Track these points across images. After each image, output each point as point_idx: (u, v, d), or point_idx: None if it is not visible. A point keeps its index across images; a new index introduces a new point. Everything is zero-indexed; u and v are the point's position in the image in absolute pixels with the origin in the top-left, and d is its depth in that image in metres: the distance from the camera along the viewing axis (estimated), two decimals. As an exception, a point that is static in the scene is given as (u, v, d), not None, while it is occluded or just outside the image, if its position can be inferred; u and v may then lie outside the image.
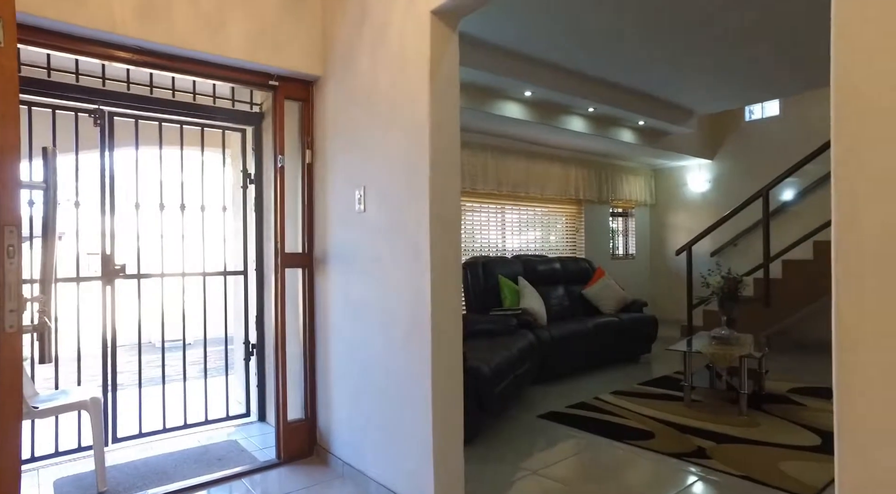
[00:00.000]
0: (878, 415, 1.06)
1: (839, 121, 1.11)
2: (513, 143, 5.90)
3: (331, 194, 2.88)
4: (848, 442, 1.10)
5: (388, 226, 2.43)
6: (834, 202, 1.12)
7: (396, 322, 2.37)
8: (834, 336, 1.13)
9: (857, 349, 1.10)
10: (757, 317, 5.53)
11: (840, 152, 1.10)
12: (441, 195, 2.21)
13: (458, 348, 2.27)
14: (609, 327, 5.14)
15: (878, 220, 1.06)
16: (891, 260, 1.05)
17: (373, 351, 2.54)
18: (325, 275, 2.94)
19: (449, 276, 2.22)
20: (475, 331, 4.31)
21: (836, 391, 1.12)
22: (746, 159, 6.87)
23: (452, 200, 2.25)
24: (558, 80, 4.63)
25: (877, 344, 1.07)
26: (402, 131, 2.33)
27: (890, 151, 1.04)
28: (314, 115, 3.03)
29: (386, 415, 2.45)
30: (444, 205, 2.22)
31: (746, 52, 4.31)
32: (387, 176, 2.44)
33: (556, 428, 3.45)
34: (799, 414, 3.62)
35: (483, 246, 5.92)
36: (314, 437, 3.03)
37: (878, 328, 1.06)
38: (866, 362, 1.08)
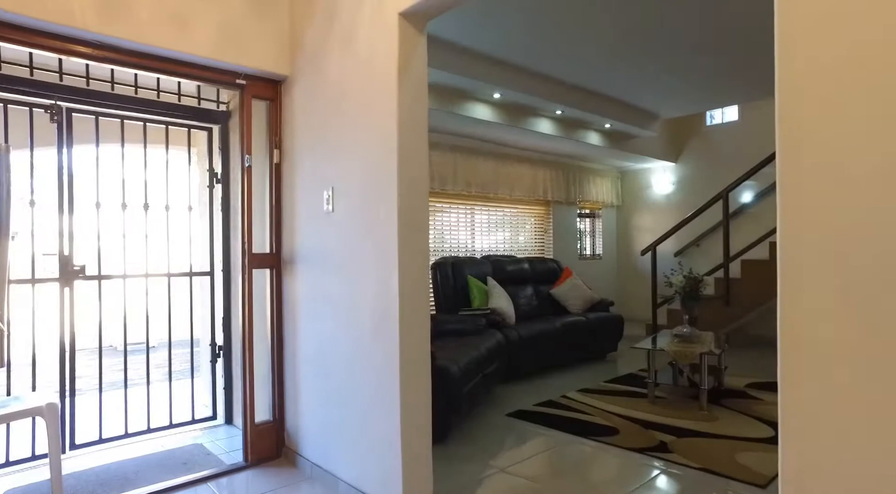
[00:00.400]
0: (815, 407, 1.13)
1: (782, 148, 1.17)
2: (482, 145, 5.96)
3: (299, 194, 2.87)
4: (789, 431, 1.16)
5: (357, 226, 2.43)
6: (779, 215, 1.18)
7: (364, 322, 2.37)
8: (779, 337, 1.19)
9: (799, 347, 1.16)
10: (717, 315, 5.72)
11: (783, 169, 1.17)
12: (409, 196, 2.23)
13: (426, 348, 2.29)
14: (576, 326, 5.24)
15: (817, 232, 1.12)
16: (827, 268, 1.11)
17: (341, 352, 2.54)
18: (294, 276, 2.92)
19: (417, 276, 2.24)
20: (444, 331, 4.33)
21: (780, 385, 1.19)
22: (708, 162, 7.08)
23: (421, 201, 2.27)
24: (526, 83, 4.70)
25: (814, 344, 1.13)
26: (370, 132, 2.34)
27: (824, 169, 1.10)
28: (282, 115, 3.01)
29: (354, 415, 2.45)
30: (412, 206, 2.24)
31: (706, 59, 4.45)
32: (355, 176, 2.45)
33: (524, 426, 3.50)
34: (755, 408, 3.76)
35: (453, 246, 5.95)
36: (282, 439, 3.01)
37: (815, 331, 1.13)
38: (806, 360, 1.14)
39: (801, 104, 1.13)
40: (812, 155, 1.12)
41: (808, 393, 1.15)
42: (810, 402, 1.14)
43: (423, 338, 2.27)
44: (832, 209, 1.09)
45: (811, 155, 1.12)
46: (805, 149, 1.13)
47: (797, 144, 1.15)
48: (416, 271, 2.24)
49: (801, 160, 1.15)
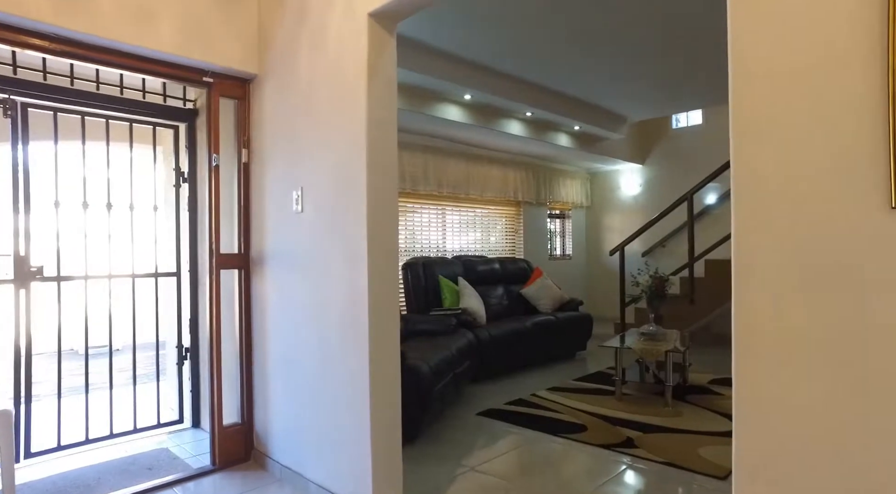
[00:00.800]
0: (766, 399, 1.17)
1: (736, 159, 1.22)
2: (453, 145, 5.98)
3: (268, 194, 2.84)
4: (742, 422, 1.21)
5: (326, 226, 2.42)
6: (734, 217, 1.23)
7: (334, 322, 2.36)
8: (734, 336, 1.24)
9: (754, 344, 1.21)
10: (682, 314, 5.86)
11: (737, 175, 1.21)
12: (379, 196, 2.23)
13: (396, 348, 2.29)
14: (546, 325, 5.30)
15: (771, 235, 1.17)
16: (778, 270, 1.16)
17: (310, 352, 2.52)
18: (263, 276, 2.89)
19: (387, 276, 2.25)
20: (415, 331, 4.34)
21: (734, 380, 1.23)
22: (674, 164, 7.26)
23: (390, 201, 2.27)
24: (497, 85, 4.74)
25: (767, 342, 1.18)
26: (339, 132, 2.33)
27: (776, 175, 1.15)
28: (251, 114, 2.97)
29: (324, 416, 2.44)
30: (381, 206, 2.24)
31: (671, 65, 4.57)
32: (325, 177, 2.43)
33: (494, 425, 3.53)
34: (717, 403, 3.87)
35: (424, 246, 5.96)
36: (251, 441, 2.97)
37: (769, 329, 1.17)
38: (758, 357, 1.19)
39: (752, 109, 1.18)
40: (763, 156, 1.17)
41: (760, 385, 1.20)
42: (761, 394, 1.19)
43: (392, 338, 2.27)
44: (782, 208, 1.14)
45: (762, 155, 1.17)
46: (757, 150, 1.18)
47: (749, 145, 1.20)
48: (385, 271, 2.24)
49: (752, 160, 1.20)
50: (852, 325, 1.05)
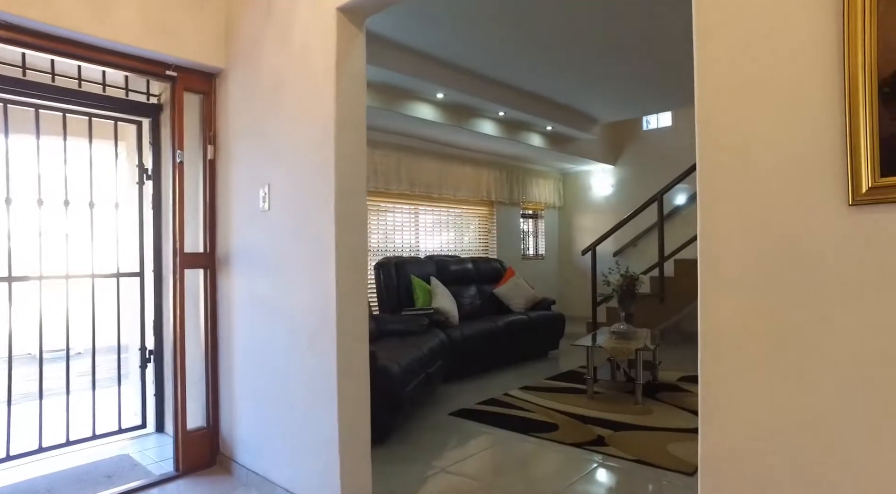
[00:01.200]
0: (729, 394, 1.18)
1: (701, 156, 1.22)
2: (426, 145, 5.96)
3: (234, 191, 2.77)
4: (707, 419, 1.21)
5: (294, 224, 2.37)
6: (699, 219, 1.24)
7: (301, 323, 2.31)
8: (700, 336, 1.24)
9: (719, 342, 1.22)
10: (653, 312, 5.95)
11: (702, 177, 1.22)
12: (347, 194, 2.19)
13: (365, 348, 2.25)
14: (519, 325, 5.32)
15: (735, 236, 1.18)
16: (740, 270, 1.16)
17: (277, 353, 2.47)
18: (229, 276, 2.82)
19: (355, 276, 2.21)
20: (387, 331, 4.30)
21: (700, 379, 1.24)
22: (644, 165, 7.37)
23: (359, 198, 2.24)
24: (469, 84, 4.73)
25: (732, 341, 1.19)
26: (307, 129, 2.29)
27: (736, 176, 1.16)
28: (217, 109, 2.89)
29: (291, 419, 2.39)
30: (350, 204, 2.20)
31: (642, 67, 4.62)
32: (292, 174, 2.38)
33: (466, 425, 3.52)
34: (686, 401, 3.93)
35: (397, 246, 5.92)
36: (217, 446, 2.89)
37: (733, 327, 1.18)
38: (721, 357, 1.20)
39: (713, 111, 1.19)
40: (723, 158, 1.18)
41: (723, 385, 1.20)
42: (724, 394, 1.19)
43: (361, 339, 2.24)
44: (745, 207, 1.15)
45: (723, 157, 1.18)
46: (718, 152, 1.19)
47: (711, 148, 1.20)
48: (353, 270, 2.20)
49: (714, 163, 1.20)
50: (811, 326, 1.06)
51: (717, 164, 1.19)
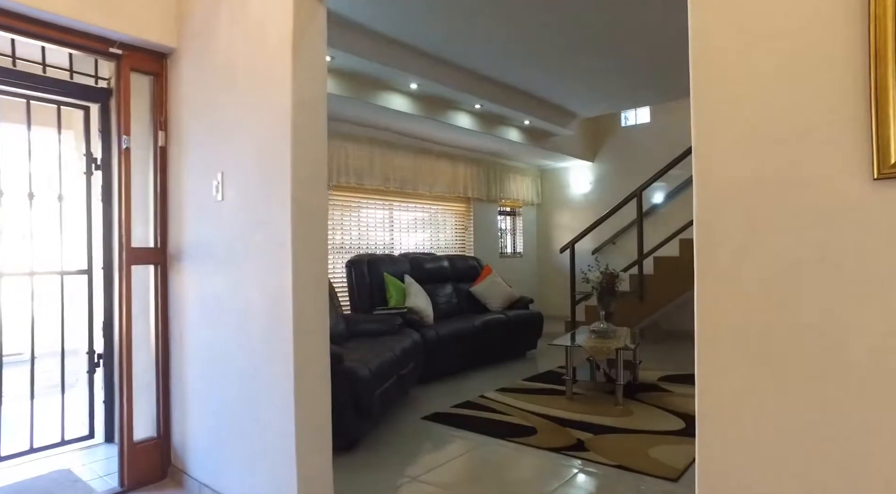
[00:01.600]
0: (730, 398, 1.03)
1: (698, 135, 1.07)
2: (400, 138, 5.77)
3: (187, 181, 2.55)
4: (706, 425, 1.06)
5: (249, 216, 2.17)
6: (695, 210, 1.10)
7: (256, 323, 2.12)
8: (697, 335, 1.10)
9: (716, 341, 1.07)
10: (632, 310, 5.85)
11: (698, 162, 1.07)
12: (305, 182, 2.00)
13: (325, 350, 2.07)
14: (496, 324, 5.17)
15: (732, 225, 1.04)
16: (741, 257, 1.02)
17: (232, 357, 2.26)
18: (181, 273, 2.60)
19: (314, 273, 2.02)
20: (358, 332, 4.11)
21: (697, 382, 1.09)
22: (623, 162, 7.29)
23: (318, 188, 2.05)
24: (444, 74, 4.56)
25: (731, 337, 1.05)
26: (262, 112, 2.09)
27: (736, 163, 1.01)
28: (169, 92, 2.67)
29: (247, 428, 2.19)
30: (308, 194, 2.01)
31: (620, 60, 4.51)
32: (247, 161, 2.18)
33: (440, 430, 3.35)
34: (667, 401, 3.82)
35: (371, 244, 5.71)
36: (168, 457, 2.67)
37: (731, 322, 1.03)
38: (722, 353, 1.05)
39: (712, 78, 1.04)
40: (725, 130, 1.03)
41: (723, 387, 1.06)
42: (724, 395, 1.05)
43: (320, 340, 2.05)
44: (746, 183, 1.00)
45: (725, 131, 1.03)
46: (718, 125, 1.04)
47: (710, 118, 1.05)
48: (312, 266, 2.01)
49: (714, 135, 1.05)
50: (827, 319, 0.92)
51: (714, 139, 1.04)
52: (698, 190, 1.08)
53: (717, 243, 1.05)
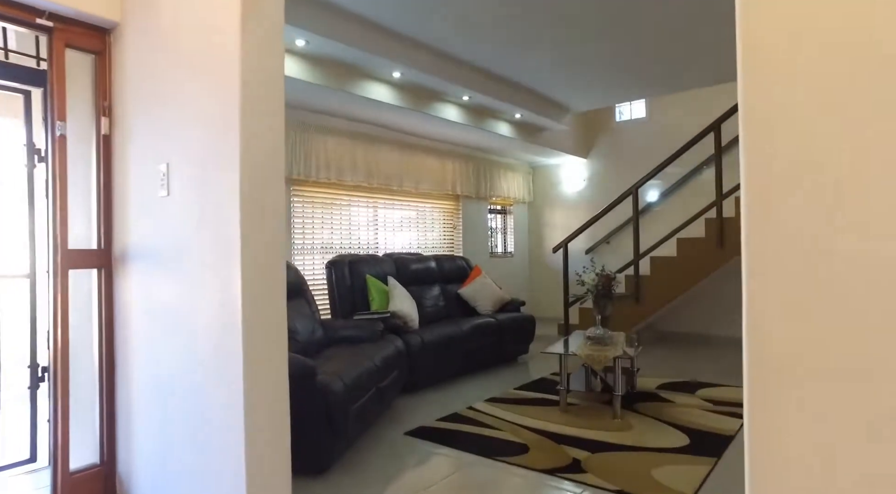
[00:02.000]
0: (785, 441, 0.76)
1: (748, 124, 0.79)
2: (384, 132, 5.47)
3: (132, 173, 2.25)
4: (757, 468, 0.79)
5: (196, 213, 1.87)
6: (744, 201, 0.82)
7: (204, 336, 1.82)
8: (745, 356, 0.83)
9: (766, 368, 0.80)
10: (628, 313, 5.60)
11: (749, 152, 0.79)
12: (256, 175, 1.71)
13: (281, 366, 1.77)
14: (485, 328, 4.89)
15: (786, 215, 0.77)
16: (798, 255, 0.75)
17: (181, 372, 1.97)
18: (127, 278, 2.29)
19: (269, 276, 1.73)
20: (336, 338, 3.81)
21: (746, 417, 0.81)
22: (617, 158, 7.03)
23: (273, 179, 1.75)
24: (430, 63, 4.27)
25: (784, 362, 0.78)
26: (209, 94, 1.79)
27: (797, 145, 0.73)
28: (113, 73, 2.36)
29: (196, 453, 1.89)
30: (260, 188, 1.72)
31: (615, 49, 4.24)
32: (194, 151, 1.89)
33: (424, 447, 3.06)
34: (667, 412, 3.56)
35: (353, 244, 5.41)
36: (112, 487, 2.36)
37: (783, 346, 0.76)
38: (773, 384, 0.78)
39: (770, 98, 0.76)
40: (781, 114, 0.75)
41: (777, 423, 0.78)
42: (778, 431, 0.77)
43: (276, 354, 1.76)
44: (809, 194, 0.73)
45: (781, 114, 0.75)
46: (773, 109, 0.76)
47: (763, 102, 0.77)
48: (266, 269, 1.72)
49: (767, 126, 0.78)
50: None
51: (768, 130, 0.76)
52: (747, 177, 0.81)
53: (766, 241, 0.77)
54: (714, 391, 4.07)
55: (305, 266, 4.92)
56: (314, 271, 5.00)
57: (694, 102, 6.26)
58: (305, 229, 4.90)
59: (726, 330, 5.96)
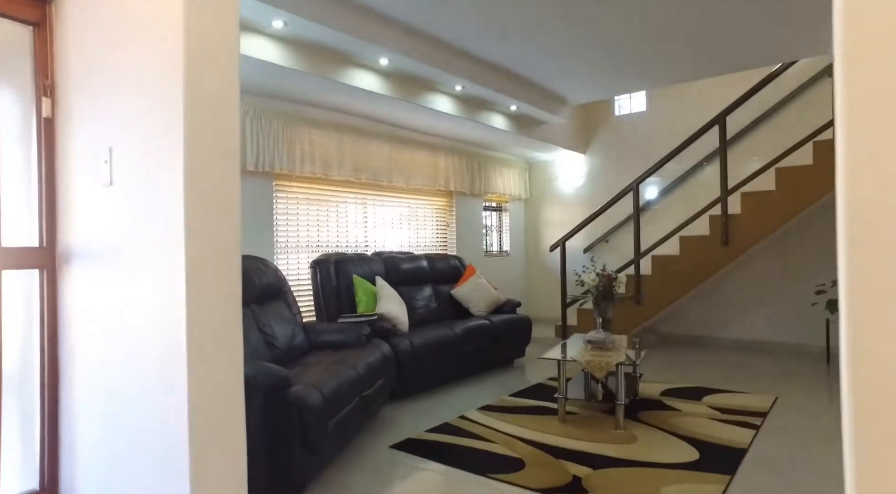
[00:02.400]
0: None
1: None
2: (373, 125, 5.20)
3: (77, 161, 1.98)
4: None
5: (138, 205, 1.62)
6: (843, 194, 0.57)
7: (146, 344, 1.57)
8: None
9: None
10: (628, 314, 5.36)
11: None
12: (205, 161, 1.45)
13: (235, 373, 1.52)
14: (479, 331, 4.63)
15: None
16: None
17: (126, 389, 1.71)
18: (71, 278, 2.03)
19: (218, 275, 1.47)
20: (319, 344, 3.56)
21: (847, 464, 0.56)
22: (617, 154, 6.79)
23: (226, 166, 1.50)
24: (420, 49, 4.01)
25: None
26: (154, 69, 1.54)
27: None
28: (54, 48, 2.09)
29: (139, 472, 1.63)
30: (210, 176, 1.46)
31: (618, 35, 3.99)
32: (138, 131, 1.63)
33: (411, 463, 2.81)
34: (673, 421, 3.32)
35: (343, 241, 5.15)
36: (56, 515, 2.10)
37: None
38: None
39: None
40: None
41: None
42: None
43: (229, 361, 1.50)
44: None
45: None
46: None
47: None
48: (216, 268, 1.46)
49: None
50: None
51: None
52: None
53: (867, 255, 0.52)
54: (721, 398, 3.83)
55: (290, 265, 4.66)
56: (299, 271, 4.73)
57: (696, 95, 6.02)
58: (290, 226, 4.64)
59: (729, 332, 5.73)
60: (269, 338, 3.20)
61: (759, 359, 5.16)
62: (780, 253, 5.45)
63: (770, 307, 5.51)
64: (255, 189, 4.27)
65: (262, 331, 3.20)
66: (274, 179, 4.45)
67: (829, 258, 5.18)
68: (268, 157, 4.26)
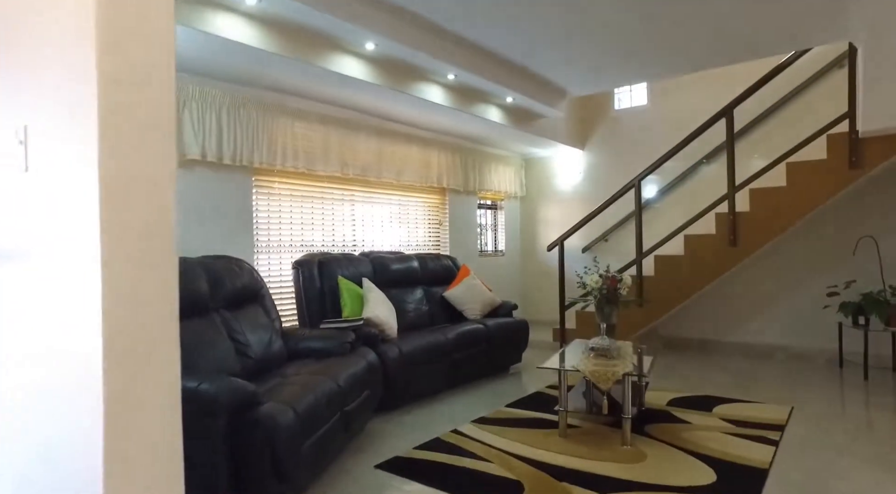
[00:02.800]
0: None
1: None
2: (361, 116, 4.91)
3: (-2, 146, 1.69)
4: None
5: (54, 197, 1.32)
6: None
7: (59, 365, 1.27)
8: None
9: None
10: (630, 317, 5.09)
11: None
12: (129, 144, 1.16)
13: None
14: (473, 336, 4.35)
15: None
16: None
17: (32, 398, 1.41)
18: (-5, 285, 1.73)
19: (151, 284, 1.19)
20: (299, 352, 3.28)
21: None
22: (616, 150, 6.52)
23: (157, 154, 1.21)
24: (409, 34, 3.72)
25: None
26: (60, 34, 1.24)
27: None
28: (-23, 15, 1.80)
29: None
30: (133, 162, 1.17)
31: (620, 18, 3.71)
32: (56, 104, 1.33)
33: (397, 485, 2.52)
34: (684, 436, 3.05)
35: (329, 240, 4.85)
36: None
37: None
38: None
39: None
40: None
41: None
42: None
43: (159, 373, 1.21)
44: None
45: None
46: None
47: None
48: (146, 274, 1.18)
49: None
50: None
51: None
52: None
53: None
54: (733, 408, 3.56)
55: (272, 267, 4.37)
56: (282, 272, 4.44)
57: (698, 89, 5.76)
58: (271, 225, 4.34)
59: (735, 336, 5.47)
60: (242, 347, 2.91)
61: (769, 365, 4.90)
62: (790, 253, 5.20)
63: (779, 309, 5.25)
64: (232, 184, 3.97)
65: (234, 339, 2.91)
66: (253, 174, 4.15)
67: (841, 258, 4.93)
68: (246, 150, 3.96)
